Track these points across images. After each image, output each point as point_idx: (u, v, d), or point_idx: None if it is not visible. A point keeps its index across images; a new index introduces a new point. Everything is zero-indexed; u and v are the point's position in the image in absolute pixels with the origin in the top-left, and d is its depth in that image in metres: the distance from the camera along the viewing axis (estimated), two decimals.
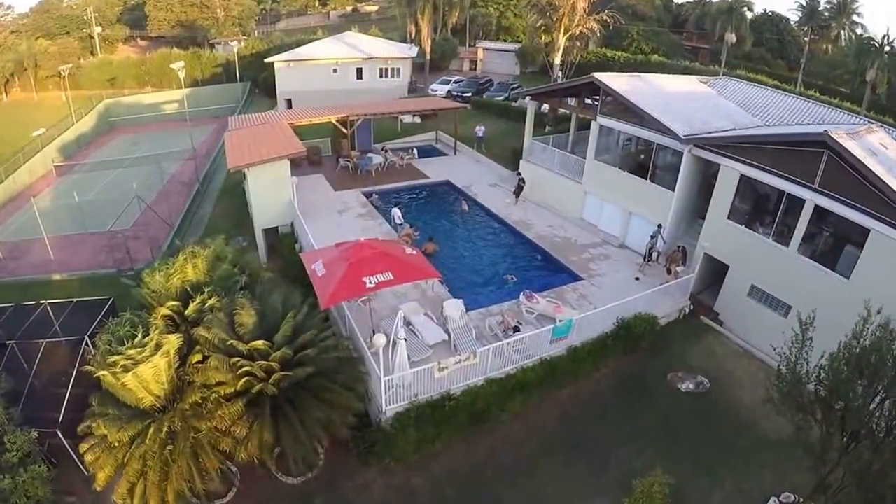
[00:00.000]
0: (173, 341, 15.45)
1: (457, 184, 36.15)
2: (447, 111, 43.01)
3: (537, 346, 19.85)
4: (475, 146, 41.74)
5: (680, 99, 28.77)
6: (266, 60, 58.84)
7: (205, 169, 44.36)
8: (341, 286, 16.56)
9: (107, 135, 64.43)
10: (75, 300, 23.07)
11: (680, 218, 27.02)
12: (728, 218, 23.59)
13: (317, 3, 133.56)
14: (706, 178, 26.45)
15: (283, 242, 28.33)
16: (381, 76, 59.23)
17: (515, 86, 56.68)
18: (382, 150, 39.46)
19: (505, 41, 78.00)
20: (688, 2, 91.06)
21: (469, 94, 53.75)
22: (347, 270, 16.87)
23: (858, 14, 71.84)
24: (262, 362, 15.32)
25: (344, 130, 36.75)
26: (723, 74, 46.15)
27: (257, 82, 66.66)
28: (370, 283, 16.63)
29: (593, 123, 29.30)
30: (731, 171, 23.13)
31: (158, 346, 15.18)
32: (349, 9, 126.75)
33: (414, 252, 18.69)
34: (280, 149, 28.50)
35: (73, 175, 49.79)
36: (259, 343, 15.53)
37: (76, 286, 29.29)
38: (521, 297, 22.30)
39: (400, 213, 28.25)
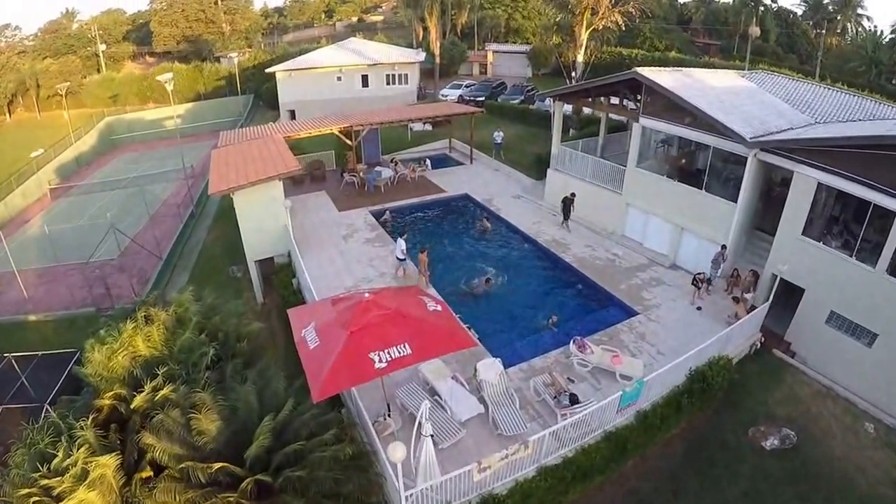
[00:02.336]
0: (107, 464, 10.39)
1: (476, 197, 30.81)
2: (461, 117, 37.66)
3: (600, 417, 14.57)
4: (493, 154, 36.35)
5: (729, 96, 23.67)
6: (267, 70, 53.66)
7: (200, 190, 39.19)
8: (338, 369, 11.27)
9: (108, 154, 59.80)
10: (40, 353, 19.32)
11: (740, 234, 21.96)
12: (803, 234, 18.88)
13: (323, 16, 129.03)
14: (765, 185, 22.24)
15: (279, 277, 23.10)
16: (387, 83, 53.71)
17: (531, 88, 51.38)
18: (391, 161, 34.08)
19: (514, 43, 72.57)
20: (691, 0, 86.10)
21: (482, 98, 48.41)
22: (347, 343, 11.58)
23: (863, 7, 68.97)
24: (230, 496, 10.02)
25: (348, 142, 31.48)
26: (747, 69, 41.32)
27: (260, 94, 61.42)
28: (379, 362, 11.34)
29: (634, 126, 24.07)
30: (806, 180, 18.47)
31: (86, 472, 10.13)
32: (355, 19, 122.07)
33: (438, 307, 13.19)
34: (270, 168, 23.23)
35: (69, 198, 45.10)
36: (226, 465, 10.29)
37: (51, 329, 25.01)
38: (571, 347, 17.01)
39: (405, 246, 22.15)
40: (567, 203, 26.30)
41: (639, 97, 23.66)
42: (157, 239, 31.34)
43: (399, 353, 11.50)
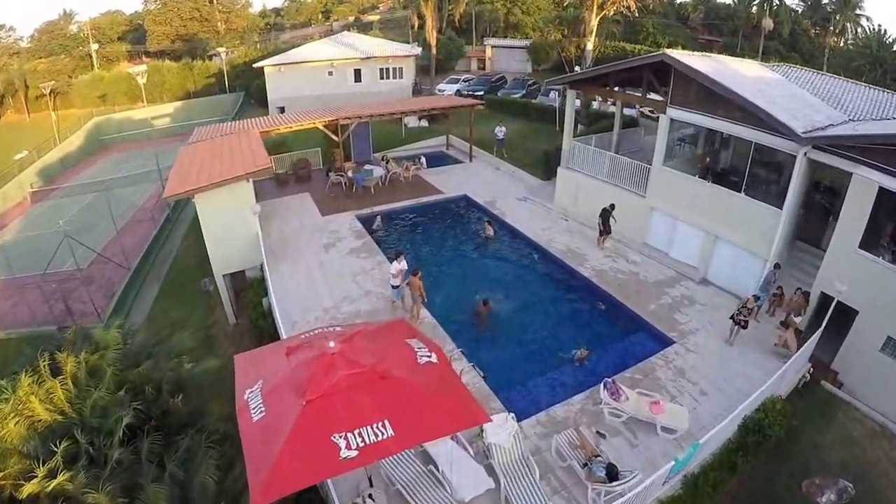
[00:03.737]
0: None
1: (477, 199, 26.62)
2: (459, 112, 33.64)
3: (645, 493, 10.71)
4: (495, 151, 32.28)
5: (764, 86, 19.92)
6: (255, 65, 49.46)
7: None
8: (287, 459, 7.35)
9: (97, 155, 55.79)
10: None
11: (783, 245, 18.22)
12: (859, 247, 15.40)
13: (320, 16, 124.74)
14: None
15: (248, 296, 19.14)
16: (381, 77, 49.36)
17: (532, 82, 47.39)
18: (383, 159, 29.95)
19: (514, 38, 68.55)
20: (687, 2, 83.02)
21: (481, 93, 44.23)
22: (302, 419, 7.68)
23: (861, 7, 65.83)
24: None
25: (334, 138, 27.42)
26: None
27: (250, 91, 57.21)
28: (347, 449, 7.40)
29: (661, 118, 20.12)
30: (865, 183, 14.97)
31: None
32: (351, 19, 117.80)
33: (433, 357, 9.15)
34: (239, 166, 19.20)
35: (49, 202, 41.15)
36: None
37: (13, 348, 20.98)
38: (602, 393, 13.10)
39: (397, 269, 16.60)
40: (606, 216, 21.49)
41: (666, 84, 19.71)
42: (124, 247, 27.41)
43: (376, 435, 7.54)
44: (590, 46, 33.47)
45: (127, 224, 31.74)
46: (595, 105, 33.62)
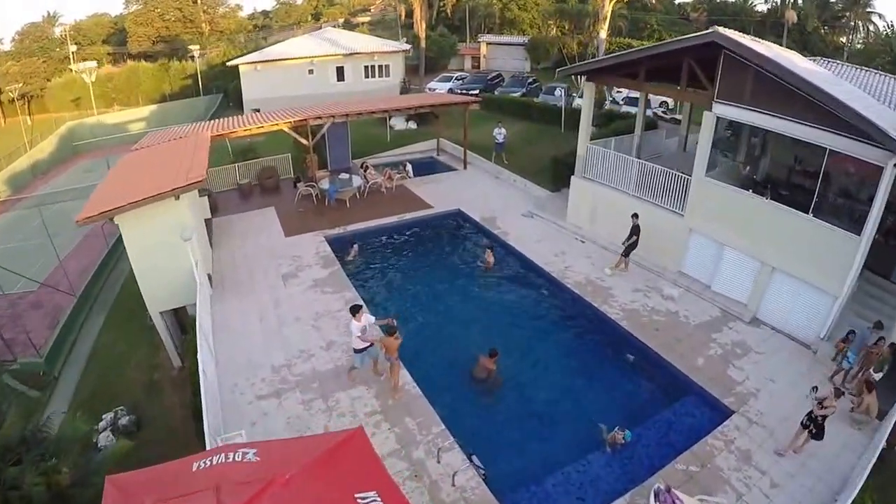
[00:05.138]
0: None
1: (473, 216, 22.17)
2: (452, 112, 29.47)
3: None
4: (493, 156, 27.86)
5: (827, 80, 15.56)
6: (230, 63, 45.16)
7: None
8: None
9: (69, 161, 51.51)
10: None
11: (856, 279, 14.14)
12: None
13: (310, 18, 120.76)
14: None
15: (191, 338, 14.82)
16: (366, 75, 45.08)
17: (533, 79, 43.12)
18: (362, 167, 25.56)
19: (510, 35, 64.57)
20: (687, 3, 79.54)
21: (476, 92, 39.79)
22: None
23: (871, 5, 62.57)
24: None
25: (304, 142, 23.10)
26: None
27: (228, 93, 52.94)
28: None
29: (706, 115, 15.86)
30: None
31: None
32: (341, 21, 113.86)
33: None
34: (168, 180, 14.82)
35: (12, 212, 36.93)
36: None
37: None
38: None
39: (364, 324, 11.80)
40: (636, 232, 17.13)
41: (712, 74, 15.46)
42: (76, 269, 23.97)
43: None
44: (603, 35, 29.48)
45: (83, 240, 27.88)
46: (607, 104, 29.55)
